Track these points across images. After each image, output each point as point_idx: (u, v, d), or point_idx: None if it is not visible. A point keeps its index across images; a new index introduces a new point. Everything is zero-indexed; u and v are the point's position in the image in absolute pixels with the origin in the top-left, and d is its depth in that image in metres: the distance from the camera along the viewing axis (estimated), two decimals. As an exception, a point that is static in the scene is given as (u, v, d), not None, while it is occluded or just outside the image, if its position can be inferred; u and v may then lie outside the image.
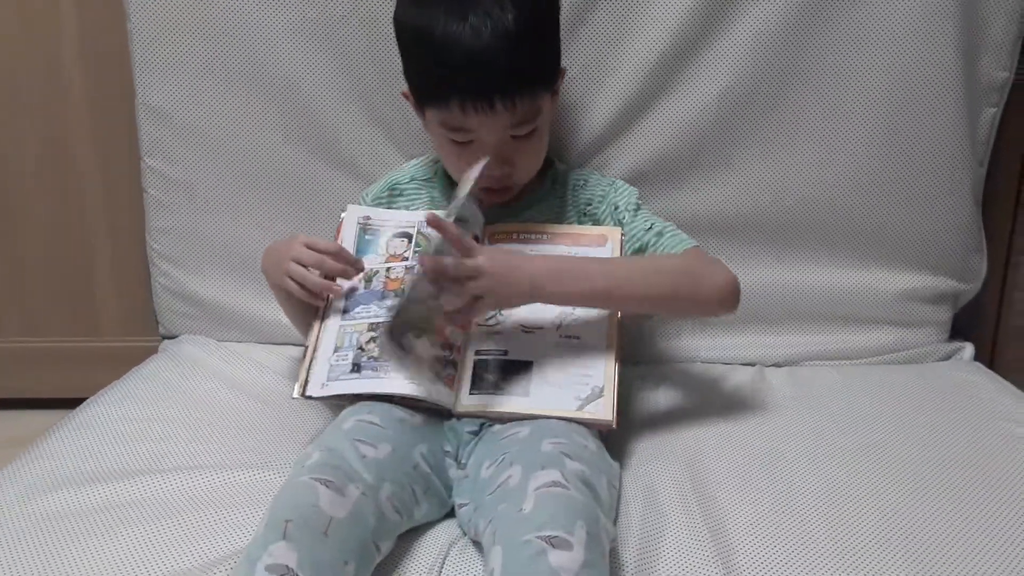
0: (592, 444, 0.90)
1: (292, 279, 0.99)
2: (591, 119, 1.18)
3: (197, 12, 1.17)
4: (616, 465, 0.92)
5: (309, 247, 1.00)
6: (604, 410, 0.92)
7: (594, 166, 1.19)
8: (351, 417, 0.90)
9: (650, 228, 1.06)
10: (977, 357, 1.25)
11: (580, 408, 0.93)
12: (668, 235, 1.06)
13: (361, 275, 1.02)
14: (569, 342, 0.98)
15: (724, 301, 1.01)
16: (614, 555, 0.81)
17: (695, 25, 1.13)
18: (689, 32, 1.13)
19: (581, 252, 1.03)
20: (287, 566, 0.72)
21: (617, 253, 1.04)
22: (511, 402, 0.94)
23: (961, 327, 1.28)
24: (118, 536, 0.83)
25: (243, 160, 1.22)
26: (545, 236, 1.05)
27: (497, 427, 0.93)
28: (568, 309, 0.99)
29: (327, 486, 0.78)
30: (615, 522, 0.86)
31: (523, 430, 0.90)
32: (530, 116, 0.99)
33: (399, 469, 0.87)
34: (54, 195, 1.43)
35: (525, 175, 1.06)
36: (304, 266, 0.99)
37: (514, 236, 1.06)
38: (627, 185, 1.12)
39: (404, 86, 1.05)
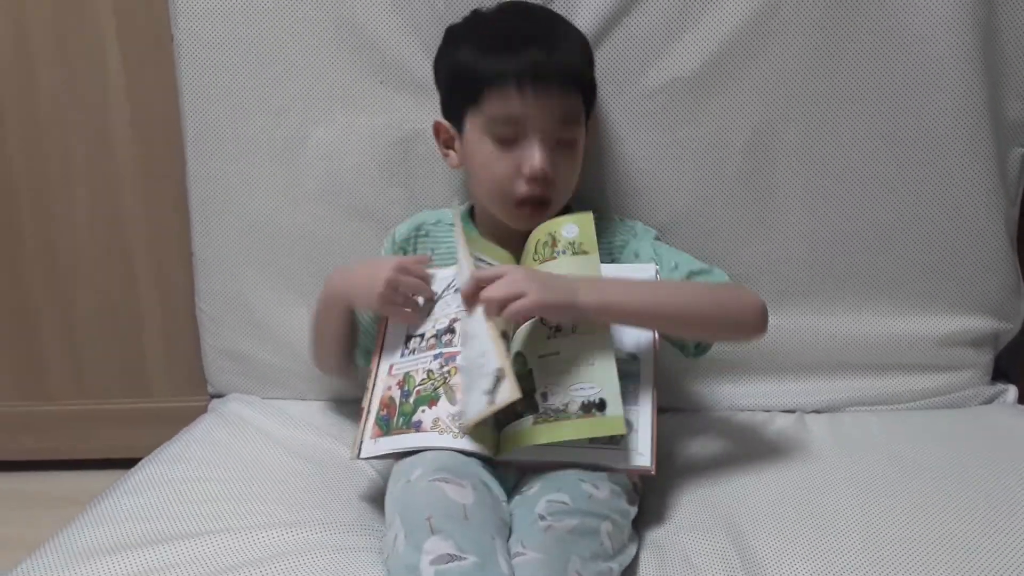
0: (603, 491, 0.89)
1: (392, 302, 1.00)
2: (619, 166, 1.19)
3: (247, 89, 1.22)
4: (633, 509, 0.92)
5: (404, 271, 1.01)
6: (628, 450, 0.91)
7: (623, 214, 1.18)
8: (425, 454, 0.90)
9: (675, 268, 1.06)
10: (1021, 400, 1.23)
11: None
12: (700, 274, 1.06)
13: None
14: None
15: (759, 323, 1.01)
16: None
17: (711, 69, 1.15)
18: (705, 75, 1.15)
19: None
20: (448, 554, 0.75)
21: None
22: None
23: (1004, 369, 1.26)
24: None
25: (286, 229, 1.25)
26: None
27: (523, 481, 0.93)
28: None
29: (447, 482, 0.83)
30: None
31: (534, 486, 0.90)
32: (575, 117, 1.03)
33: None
34: (104, 257, 1.47)
35: (562, 193, 1.06)
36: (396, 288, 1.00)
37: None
38: (641, 225, 1.14)
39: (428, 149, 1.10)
